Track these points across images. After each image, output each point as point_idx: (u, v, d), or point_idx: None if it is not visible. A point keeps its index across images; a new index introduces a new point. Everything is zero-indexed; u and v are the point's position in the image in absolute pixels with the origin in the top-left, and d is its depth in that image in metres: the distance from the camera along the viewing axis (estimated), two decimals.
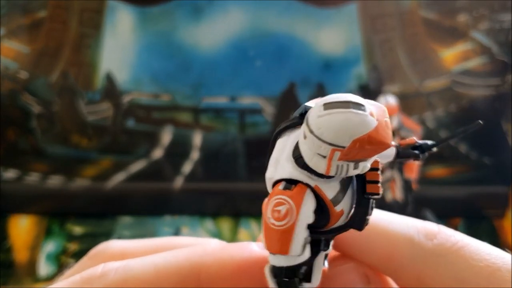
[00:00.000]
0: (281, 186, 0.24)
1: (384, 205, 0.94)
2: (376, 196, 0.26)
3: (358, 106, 0.21)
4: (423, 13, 1.03)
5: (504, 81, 1.04)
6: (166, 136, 1.06)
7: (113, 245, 0.32)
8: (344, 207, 0.25)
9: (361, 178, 0.26)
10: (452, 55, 1.04)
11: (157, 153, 1.06)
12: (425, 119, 1.05)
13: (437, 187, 1.04)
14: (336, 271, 0.28)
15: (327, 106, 0.22)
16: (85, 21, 1.02)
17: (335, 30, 1.02)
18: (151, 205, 1.04)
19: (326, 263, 0.28)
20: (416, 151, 0.29)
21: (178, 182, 1.04)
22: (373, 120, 0.21)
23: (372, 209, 0.26)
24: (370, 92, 1.02)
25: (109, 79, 1.03)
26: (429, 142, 0.29)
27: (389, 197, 0.91)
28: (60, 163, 1.06)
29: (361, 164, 0.23)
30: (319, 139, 0.22)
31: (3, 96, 1.02)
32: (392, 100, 0.83)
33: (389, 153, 0.28)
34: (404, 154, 0.29)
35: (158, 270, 0.25)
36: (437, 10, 1.03)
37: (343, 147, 0.22)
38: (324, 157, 0.22)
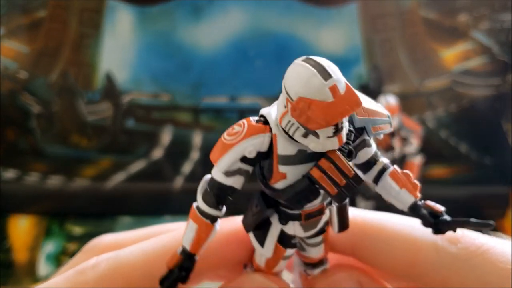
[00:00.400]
0: (256, 117, 0.26)
1: (384, 205, 0.94)
2: (318, 186, 0.24)
3: (325, 74, 0.22)
4: (424, 13, 1.02)
5: (504, 81, 1.04)
6: (166, 136, 1.06)
7: (106, 239, 0.33)
8: (288, 174, 0.25)
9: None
10: (452, 55, 1.04)
11: (157, 153, 1.06)
12: (426, 119, 1.05)
13: (438, 187, 1.04)
14: (329, 281, 0.29)
15: (306, 59, 0.23)
16: (84, 21, 1.02)
17: (336, 30, 1.02)
18: (151, 205, 1.04)
19: (316, 271, 0.29)
20: (431, 222, 0.26)
21: (178, 182, 1.04)
22: (328, 94, 0.22)
23: (324, 201, 0.26)
24: (370, 92, 1.02)
25: (109, 79, 1.03)
26: (450, 221, 0.26)
27: None
28: (60, 163, 1.06)
29: (311, 137, 0.23)
30: (284, 85, 0.23)
31: (3, 96, 1.02)
32: (392, 100, 0.83)
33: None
34: (420, 215, 0.27)
35: (146, 255, 0.27)
36: (437, 10, 1.02)
37: (292, 100, 0.22)
38: (285, 107, 0.23)
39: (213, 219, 0.26)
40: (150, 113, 1.05)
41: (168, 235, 0.28)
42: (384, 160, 0.27)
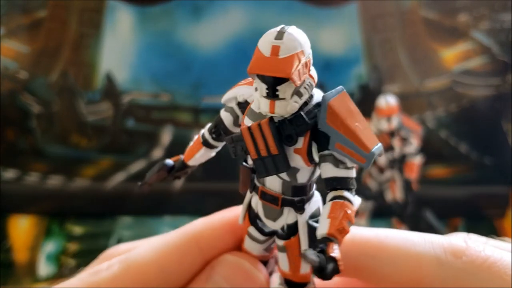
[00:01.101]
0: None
1: (384, 205, 0.94)
2: (244, 143, 0.26)
3: (279, 36, 0.24)
4: (424, 13, 1.02)
5: (504, 81, 1.04)
6: (166, 136, 1.06)
7: (121, 247, 0.34)
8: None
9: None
10: (452, 55, 1.04)
11: (157, 153, 1.06)
12: (426, 119, 1.05)
13: (438, 187, 1.04)
14: None
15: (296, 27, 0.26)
16: (85, 21, 1.02)
17: (335, 30, 1.02)
18: (151, 205, 1.04)
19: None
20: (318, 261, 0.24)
21: (178, 183, 1.04)
22: (267, 49, 0.24)
23: (284, 194, 0.27)
24: (370, 92, 1.02)
25: (109, 79, 1.03)
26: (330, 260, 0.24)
27: (389, 197, 0.91)
28: (60, 163, 1.06)
29: (256, 93, 0.25)
30: None
31: (3, 96, 1.02)
32: (392, 100, 0.83)
33: None
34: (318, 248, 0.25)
35: (157, 252, 0.27)
36: (437, 10, 1.02)
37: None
38: None
39: (205, 142, 0.30)
40: (150, 113, 1.05)
41: (176, 231, 0.29)
42: (348, 195, 0.25)
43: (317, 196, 0.28)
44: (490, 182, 1.05)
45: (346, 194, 0.25)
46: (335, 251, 0.23)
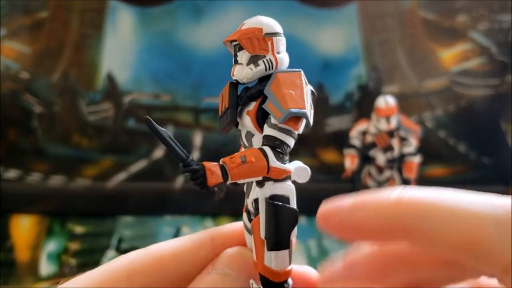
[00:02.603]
0: None
1: None
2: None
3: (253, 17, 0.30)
4: (423, 14, 1.03)
5: (503, 81, 1.04)
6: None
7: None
8: None
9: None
10: (451, 55, 1.04)
11: (158, 153, 1.06)
12: (424, 119, 1.06)
13: (437, 187, 1.04)
14: None
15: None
16: (86, 22, 1.02)
17: (335, 30, 1.02)
18: (152, 205, 1.04)
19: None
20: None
21: (179, 182, 1.05)
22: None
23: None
24: (369, 92, 1.03)
25: (110, 79, 1.04)
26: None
27: None
28: (61, 163, 1.06)
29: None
30: None
31: (4, 96, 1.03)
32: (391, 100, 0.83)
33: None
34: None
35: (177, 244, 0.28)
36: (436, 11, 1.03)
37: None
38: None
39: None
40: (151, 113, 1.05)
41: (202, 231, 0.29)
42: (265, 148, 0.27)
43: (289, 185, 0.28)
44: (489, 182, 1.06)
45: (265, 147, 0.27)
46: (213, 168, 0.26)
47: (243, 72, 0.29)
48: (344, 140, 0.90)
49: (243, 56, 0.29)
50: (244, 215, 0.29)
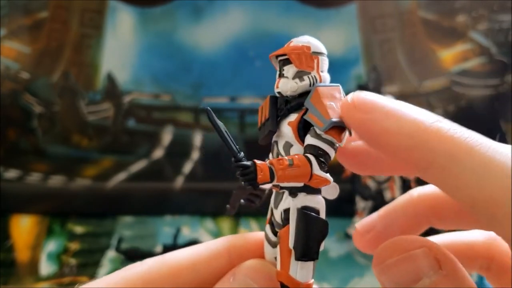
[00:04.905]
0: None
1: (383, 205, 0.95)
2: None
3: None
4: (422, 14, 1.03)
5: (503, 81, 1.04)
6: (167, 136, 1.06)
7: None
8: None
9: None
10: (451, 56, 1.05)
11: (158, 153, 1.06)
12: None
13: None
14: (405, 257, 0.26)
15: None
16: (86, 22, 1.02)
17: (335, 30, 1.02)
18: (152, 205, 1.04)
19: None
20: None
21: (179, 182, 1.05)
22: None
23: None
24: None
25: (110, 79, 1.04)
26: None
27: (388, 196, 0.92)
28: (61, 163, 1.06)
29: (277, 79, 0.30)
30: None
31: (4, 96, 1.03)
32: None
33: None
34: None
35: (193, 253, 0.28)
36: (436, 11, 1.03)
37: None
38: None
39: None
40: (151, 113, 1.05)
41: (219, 239, 0.30)
42: (310, 157, 0.27)
43: (320, 199, 0.28)
44: None
45: (309, 155, 0.27)
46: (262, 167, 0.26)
47: (288, 85, 0.29)
48: None
49: (289, 70, 0.30)
50: (267, 226, 0.29)
